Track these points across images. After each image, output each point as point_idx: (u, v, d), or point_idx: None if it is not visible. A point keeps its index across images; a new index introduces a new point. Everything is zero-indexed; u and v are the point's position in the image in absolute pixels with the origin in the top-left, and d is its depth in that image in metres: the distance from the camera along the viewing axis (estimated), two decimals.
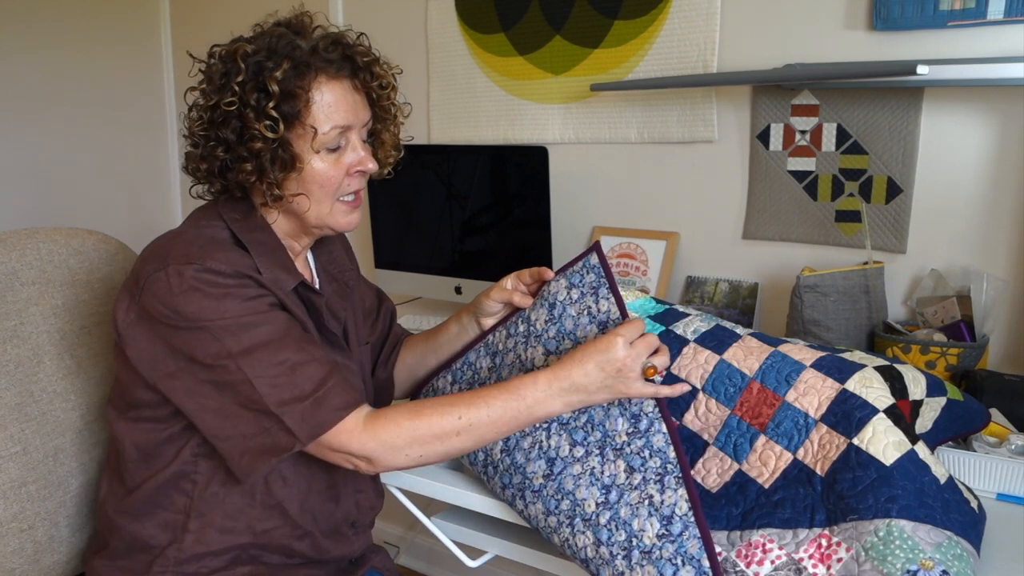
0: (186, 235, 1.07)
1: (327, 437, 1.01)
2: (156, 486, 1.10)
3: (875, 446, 0.95)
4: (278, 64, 1.03)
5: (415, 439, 1.02)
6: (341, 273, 1.26)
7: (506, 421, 1.04)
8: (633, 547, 1.00)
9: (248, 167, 1.05)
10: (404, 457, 1.02)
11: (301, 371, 1.01)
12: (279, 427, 0.99)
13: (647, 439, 1.06)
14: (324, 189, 1.09)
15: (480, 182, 1.98)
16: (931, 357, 1.42)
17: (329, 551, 1.19)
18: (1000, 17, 1.47)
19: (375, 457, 1.02)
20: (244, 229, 1.09)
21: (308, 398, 1.00)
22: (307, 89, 1.04)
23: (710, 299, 1.86)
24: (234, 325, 1.00)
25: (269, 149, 1.04)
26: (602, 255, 1.20)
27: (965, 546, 0.90)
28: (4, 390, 1.19)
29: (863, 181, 1.68)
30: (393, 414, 1.03)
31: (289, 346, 1.02)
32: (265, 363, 1.00)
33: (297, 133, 1.05)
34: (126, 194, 2.78)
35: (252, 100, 1.03)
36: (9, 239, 1.26)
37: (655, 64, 1.88)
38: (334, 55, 1.07)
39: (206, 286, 1.00)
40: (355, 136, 1.11)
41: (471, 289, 2.05)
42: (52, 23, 2.53)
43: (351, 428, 1.01)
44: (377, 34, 2.32)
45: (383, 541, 2.50)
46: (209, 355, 1.00)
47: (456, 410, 1.03)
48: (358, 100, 1.11)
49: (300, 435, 0.99)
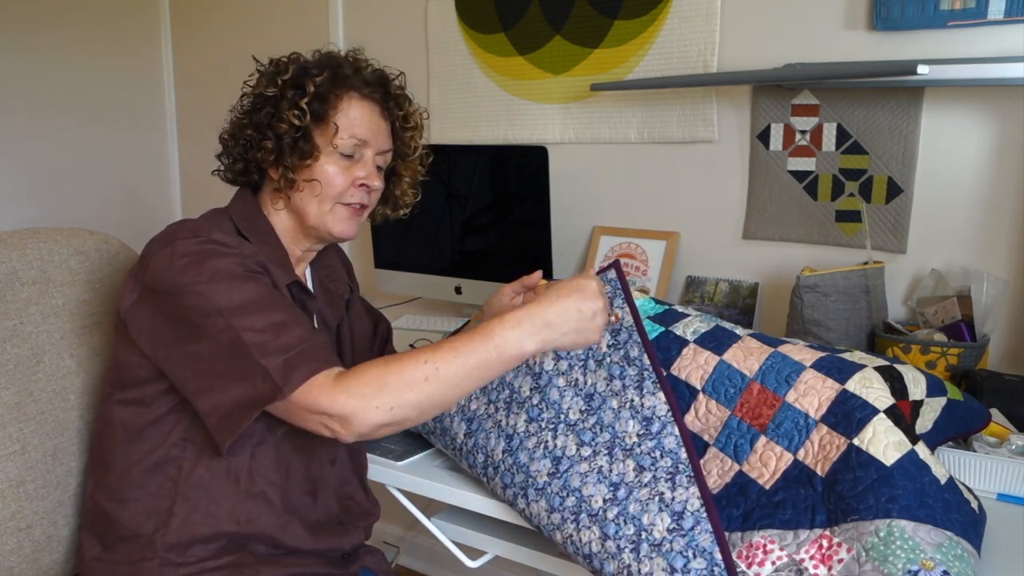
0: (195, 220, 1.15)
1: (301, 393, 0.99)
2: (142, 469, 1.12)
3: (875, 446, 0.95)
4: (320, 72, 1.17)
5: (383, 386, 0.98)
6: (337, 287, 1.32)
7: (475, 363, 1.00)
8: (642, 540, 1.00)
9: (269, 145, 1.16)
10: (375, 410, 0.98)
11: (286, 329, 1.03)
12: (262, 376, 1.00)
13: (658, 440, 1.07)
14: (328, 189, 1.18)
15: (480, 182, 1.98)
16: (931, 357, 1.42)
17: (315, 544, 1.19)
18: (1000, 17, 1.47)
19: (347, 413, 0.98)
20: (249, 229, 1.18)
21: (292, 350, 1.01)
22: (339, 97, 1.17)
23: (710, 299, 1.85)
24: (226, 285, 1.04)
25: (291, 135, 1.15)
26: (620, 271, 1.21)
27: (965, 546, 0.90)
28: (3, 389, 1.18)
29: (863, 181, 1.68)
30: (362, 367, 1.02)
31: (278, 308, 1.06)
32: (253, 318, 1.03)
33: (320, 129, 1.17)
34: (127, 194, 2.78)
35: (288, 94, 1.16)
36: (10, 239, 1.26)
37: (655, 64, 1.88)
38: (370, 78, 1.21)
39: (206, 250, 1.06)
40: (370, 154, 1.21)
41: (471, 289, 2.05)
42: (53, 25, 2.53)
43: (322, 383, 0.99)
44: (377, 34, 2.34)
45: (383, 541, 2.50)
46: (200, 312, 1.03)
47: (422, 355, 1.00)
48: (382, 126, 1.22)
49: (282, 384, 0.99)
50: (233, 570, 1.12)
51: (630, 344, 1.15)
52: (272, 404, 1.00)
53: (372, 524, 1.31)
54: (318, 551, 1.20)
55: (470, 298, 2.06)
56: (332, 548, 1.22)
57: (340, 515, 1.25)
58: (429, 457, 1.34)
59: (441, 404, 1.02)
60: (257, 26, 2.57)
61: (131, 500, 1.13)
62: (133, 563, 1.11)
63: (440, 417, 1.28)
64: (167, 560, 1.11)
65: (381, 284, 2.23)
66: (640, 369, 1.13)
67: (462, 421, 1.24)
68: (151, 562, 1.10)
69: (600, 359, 1.16)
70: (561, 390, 1.16)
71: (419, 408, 1.00)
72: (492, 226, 1.99)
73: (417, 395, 0.99)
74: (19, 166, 2.49)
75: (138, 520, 1.12)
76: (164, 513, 1.11)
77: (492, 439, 1.18)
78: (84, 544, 1.18)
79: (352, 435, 1.00)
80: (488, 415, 1.21)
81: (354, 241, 2.50)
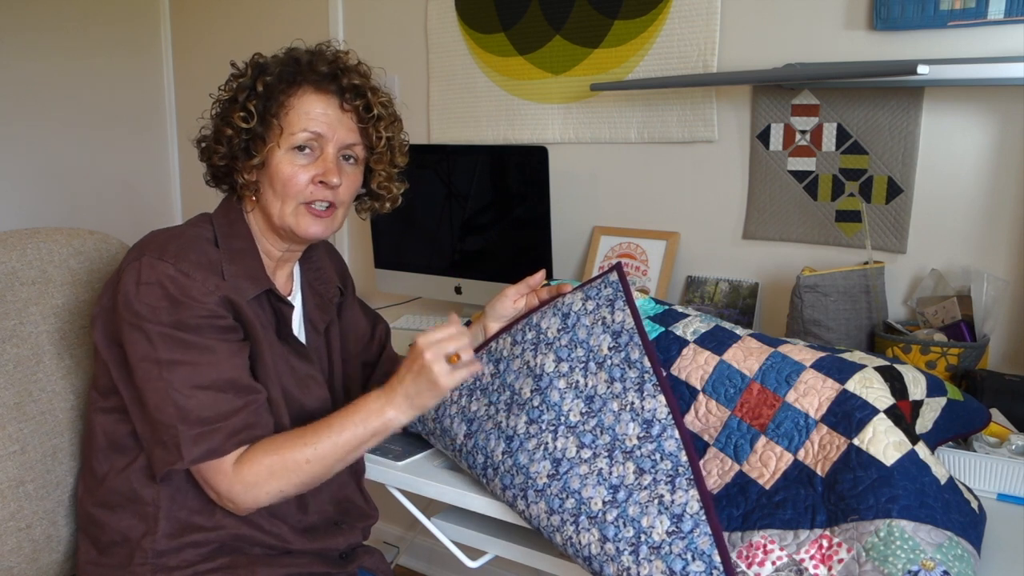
0: (169, 231, 1.15)
1: (202, 468, 1.07)
2: (126, 476, 1.13)
3: (875, 446, 0.95)
4: (273, 71, 1.15)
5: (272, 475, 1.07)
6: (326, 289, 1.31)
7: (348, 439, 1.09)
8: (641, 543, 1.00)
9: (221, 150, 1.16)
10: (265, 495, 1.08)
11: (212, 400, 1.06)
12: (172, 440, 1.05)
13: (659, 443, 1.07)
14: (286, 188, 1.15)
15: (480, 182, 1.98)
16: (931, 357, 1.42)
17: (309, 544, 1.19)
18: (1000, 17, 1.47)
19: (236, 500, 1.07)
20: (226, 235, 1.17)
21: (208, 425, 1.06)
22: (288, 94, 1.15)
23: (710, 299, 1.85)
24: (171, 336, 1.06)
25: (239, 138, 1.14)
26: (623, 274, 1.21)
27: (966, 546, 0.90)
28: (3, 389, 1.18)
29: (863, 181, 1.68)
30: (255, 453, 1.08)
31: (212, 373, 1.07)
32: (185, 378, 1.06)
33: (268, 128, 1.15)
34: (127, 195, 2.78)
35: (240, 96, 1.15)
36: (10, 239, 1.26)
37: (655, 64, 1.88)
38: (323, 70, 1.16)
39: (168, 285, 1.06)
40: (331, 149, 1.17)
41: (471, 289, 2.05)
42: (54, 26, 2.53)
43: (221, 469, 1.07)
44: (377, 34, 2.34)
45: (383, 541, 2.50)
46: (139, 355, 1.06)
47: (304, 436, 1.08)
48: (343, 119, 1.18)
49: (185, 455, 1.05)
50: (227, 572, 1.12)
51: (631, 347, 1.15)
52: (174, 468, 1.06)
53: (370, 526, 1.31)
54: (313, 551, 1.20)
55: (470, 298, 2.06)
56: (327, 548, 1.22)
57: (336, 517, 1.25)
58: (429, 457, 1.34)
59: (324, 477, 1.10)
60: (257, 27, 2.57)
61: (117, 506, 1.14)
62: (125, 567, 1.12)
63: (440, 418, 1.28)
64: (159, 565, 1.11)
65: (381, 284, 2.23)
66: (641, 372, 1.12)
67: (462, 422, 1.24)
68: (142, 567, 1.11)
69: (601, 361, 1.16)
70: (562, 392, 1.16)
71: (303, 486, 1.10)
72: (492, 226, 1.99)
73: (301, 476, 1.08)
74: (20, 166, 2.49)
75: (126, 525, 1.13)
76: (150, 518, 1.12)
77: (492, 440, 1.18)
78: (80, 547, 1.19)
79: (241, 512, 1.10)
80: (488, 416, 1.21)
81: (354, 241, 2.50)
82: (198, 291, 1.07)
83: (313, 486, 1.11)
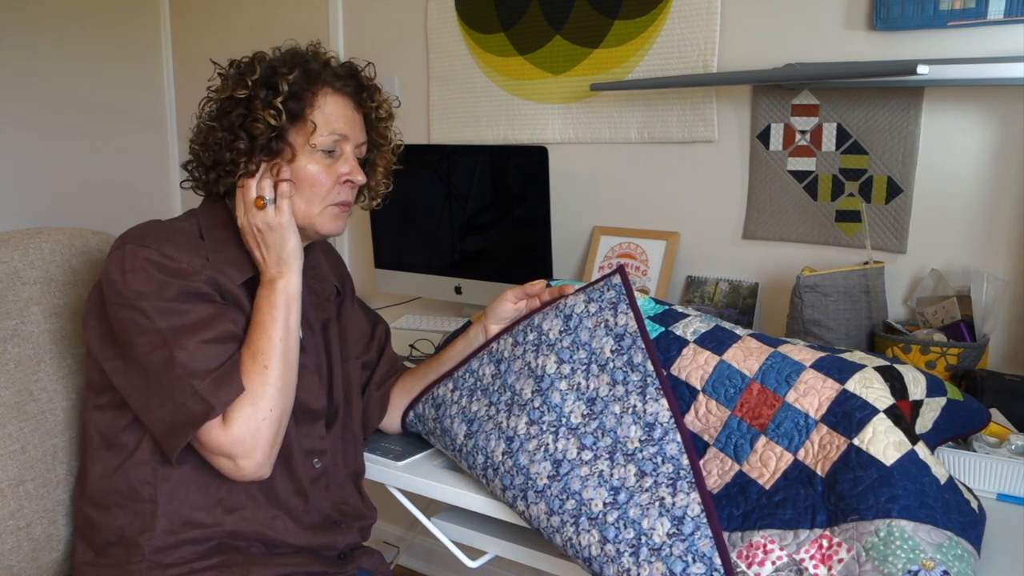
0: (149, 222, 1.15)
1: (205, 434, 1.05)
2: (121, 475, 1.13)
3: (875, 446, 0.96)
4: (291, 70, 1.14)
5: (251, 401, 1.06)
6: (323, 288, 1.31)
7: (283, 329, 1.11)
8: (642, 544, 1.00)
9: (242, 146, 1.13)
10: (261, 422, 1.07)
11: (217, 349, 1.08)
12: (194, 398, 1.04)
13: (660, 446, 1.07)
14: (314, 190, 1.16)
15: (480, 182, 1.98)
16: (931, 357, 1.43)
17: (308, 540, 1.19)
18: (1000, 17, 1.47)
19: (246, 445, 1.06)
20: (209, 227, 1.18)
21: (219, 369, 1.06)
22: (313, 94, 1.15)
23: (710, 299, 1.86)
24: (167, 308, 1.06)
25: (267, 135, 1.13)
26: (625, 277, 1.21)
27: (966, 546, 0.90)
28: (4, 389, 1.19)
29: (863, 181, 1.68)
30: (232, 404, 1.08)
31: (211, 331, 1.08)
32: (186, 339, 1.06)
33: (297, 128, 1.14)
34: (128, 194, 2.78)
35: (261, 94, 1.13)
36: (12, 239, 1.27)
37: (655, 64, 1.88)
38: (340, 71, 1.19)
39: (153, 268, 1.07)
40: (350, 149, 1.19)
41: (471, 289, 2.05)
42: (54, 27, 2.53)
43: (219, 424, 1.06)
44: (377, 34, 2.34)
45: (383, 541, 2.50)
46: (137, 331, 1.06)
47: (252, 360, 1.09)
48: (357, 119, 1.21)
49: (215, 402, 1.04)
50: (223, 570, 1.12)
51: (634, 350, 1.15)
52: (208, 420, 1.05)
53: (369, 526, 1.31)
54: (311, 548, 1.20)
55: (470, 298, 2.06)
56: (326, 545, 1.22)
57: (334, 516, 1.25)
58: (429, 457, 1.34)
59: (292, 374, 1.11)
60: (257, 27, 2.57)
61: (114, 505, 1.13)
62: (122, 566, 1.12)
63: (440, 418, 1.28)
64: (155, 562, 1.10)
65: (381, 284, 2.23)
66: (644, 375, 1.13)
67: (463, 422, 1.24)
68: (139, 565, 1.11)
69: (603, 364, 1.16)
70: (563, 393, 1.16)
71: (282, 394, 1.10)
72: (492, 226, 1.99)
73: (272, 383, 1.08)
74: (21, 166, 2.49)
75: (121, 525, 1.12)
76: (147, 516, 1.11)
77: (492, 440, 1.18)
78: (76, 549, 1.19)
79: (256, 464, 1.08)
80: (489, 416, 1.21)
81: (354, 241, 2.50)
82: (185, 269, 1.09)
83: (291, 392, 1.12)
